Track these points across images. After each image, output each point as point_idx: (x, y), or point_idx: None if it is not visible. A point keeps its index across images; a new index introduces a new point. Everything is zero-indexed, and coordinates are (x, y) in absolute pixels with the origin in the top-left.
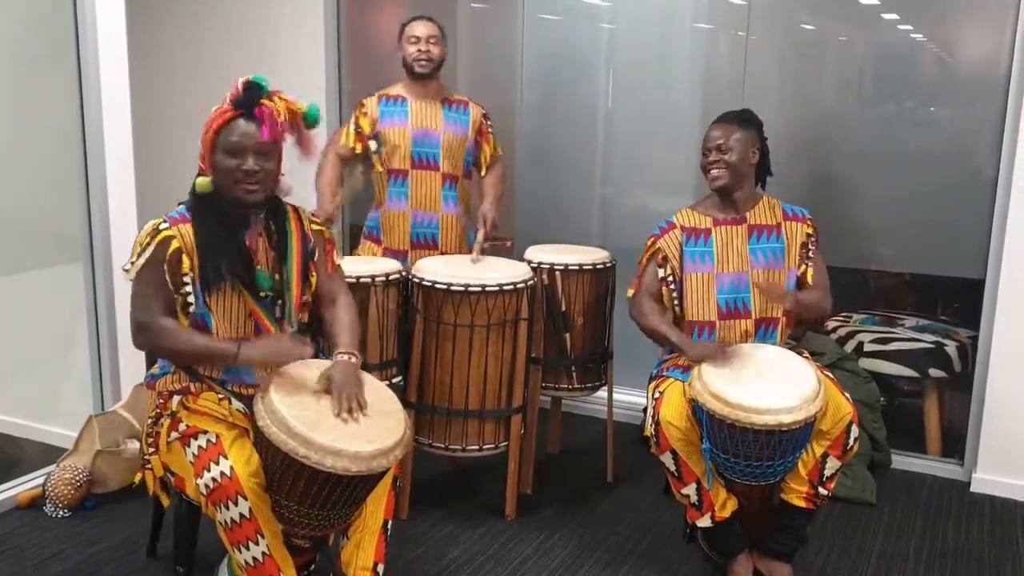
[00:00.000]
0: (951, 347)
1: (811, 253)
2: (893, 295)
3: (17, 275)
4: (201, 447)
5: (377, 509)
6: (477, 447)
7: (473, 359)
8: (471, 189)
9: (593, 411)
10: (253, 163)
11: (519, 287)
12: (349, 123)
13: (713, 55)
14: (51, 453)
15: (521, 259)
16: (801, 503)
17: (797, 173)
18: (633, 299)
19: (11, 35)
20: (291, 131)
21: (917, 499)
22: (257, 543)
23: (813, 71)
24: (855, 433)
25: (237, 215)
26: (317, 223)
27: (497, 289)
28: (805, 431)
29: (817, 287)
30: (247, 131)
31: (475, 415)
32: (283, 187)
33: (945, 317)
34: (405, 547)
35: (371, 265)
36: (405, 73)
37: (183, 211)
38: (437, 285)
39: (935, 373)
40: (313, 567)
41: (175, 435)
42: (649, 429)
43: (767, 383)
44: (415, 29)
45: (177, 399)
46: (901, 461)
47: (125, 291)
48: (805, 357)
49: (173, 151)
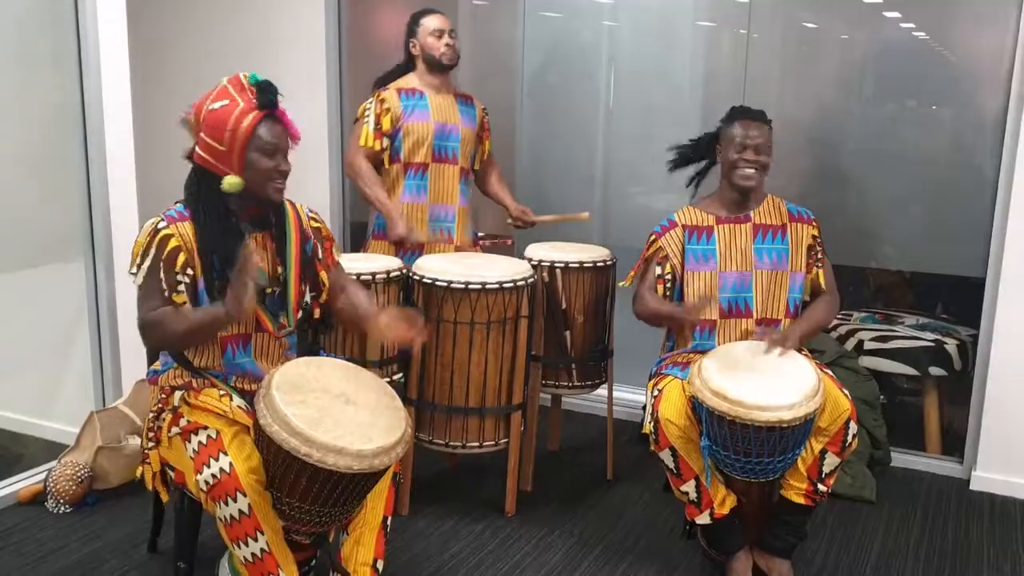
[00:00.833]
0: (951, 345)
1: (820, 255)
2: (894, 293)
3: (18, 272)
4: (201, 443)
5: (377, 505)
6: (477, 444)
7: (473, 356)
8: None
9: (593, 409)
10: (285, 163)
11: (519, 285)
12: (366, 123)
13: (714, 53)
14: (53, 449)
15: (521, 257)
16: (800, 500)
17: (798, 171)
18: (635, 295)
19: (12, 32)
20: None
21: (916, 497)
22: (256, 539)
23: (814, 69)
24: (853, 430)
25: (253, 213)
26: (316, 221)
27: (497, 287)
28: (805, 428)
29: (824, 298)
30: (278, 131)
31: (475, 412)
32: None
33: (945, 315)
34: (405, 543)
35: (371, 263)
36: (421, 66)
37: (180, 209)
38: (438, 283)
39: (935, 371)
40: (314, 563)
41: (176, 430)
42: (648, 426)
43: (767, 380)
44: (437, 22)
45: (179, 394)
46: (901, 459)
47: (126, 288)
48: (804, 355)
49: (174, 148)
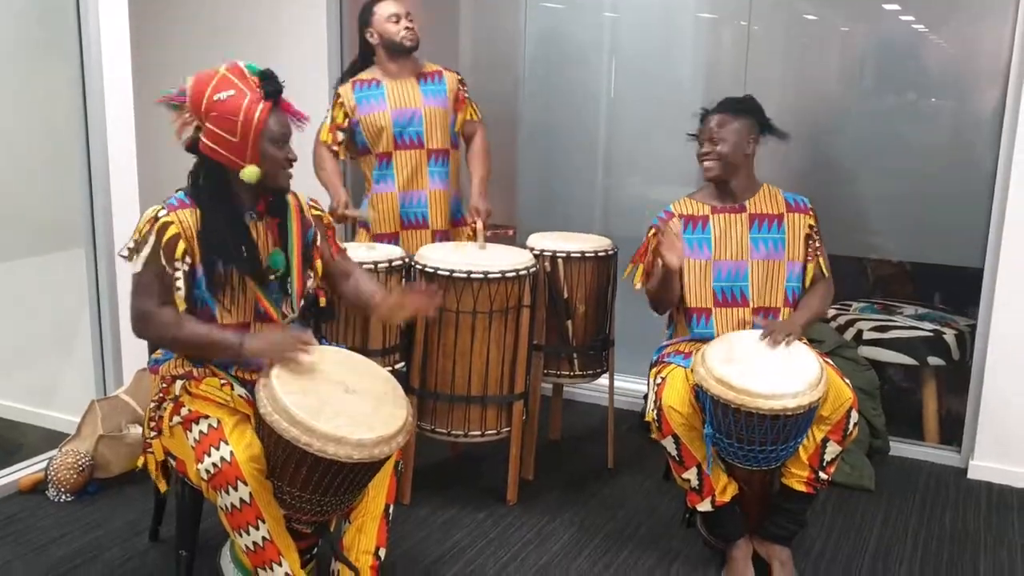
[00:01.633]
0: (949, 335)
1: (817, 244)
2: (893, 284)
3: (20, 261)
4: (202, 432)
5: (379, 494)
6: (479, 433)
7: (475, 346)
8: (460, 160)
9: (594, 398)
10: (292, 151)
11: (521, 274)
12: (326, 119)
13: (715, 44)
14: (54, 438)
15: (523, 246)
16: (801, 487)
17: (798, 162)
18: (648, 290)
19: (14, 22)
20: None
21: (915, 485)
22: (258, 528)
23: (814, 61)
24: (855, 419)
25: (257, 202)
26: (317, 208)
27: (499, 276)
28: (808, 416)
29: (820, 286)
30: (285, 121)
31: (477, 401)
32: None
33: (944, 306)
34: (407, 532)
35: (373, 252)
36: (381, 54)
37: (182, 197)
38: (440, 272)
39: (933, 361)
40: (315, 551)
41: (177, 419)
42: (651, 414)
43: (771, 369)
44: (392, 7)
45: (180, 384)
46: (899, 448)
47: (127, 277)
48: (805, 344)
49: (175, 137)
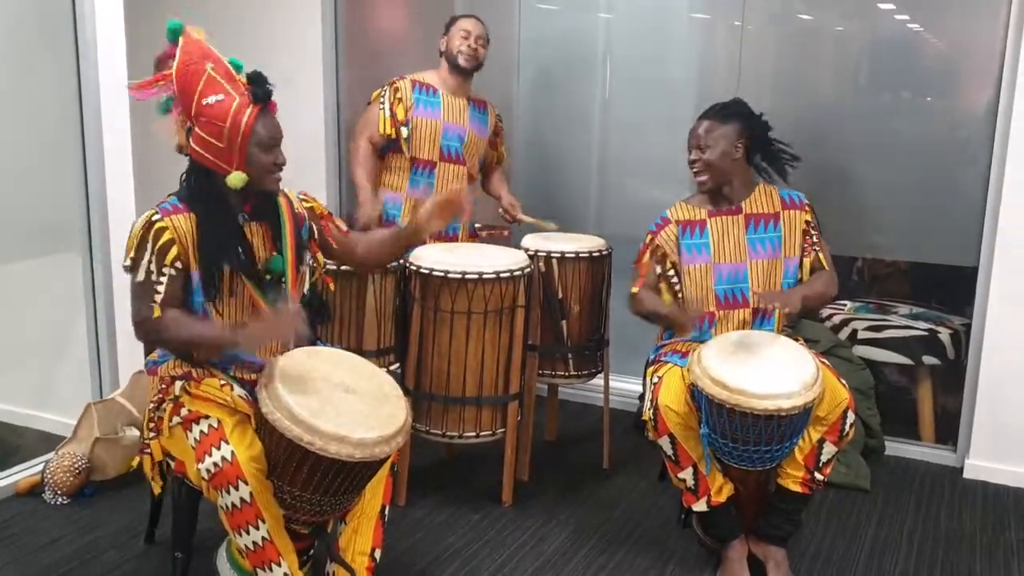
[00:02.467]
0: (944, 334)
1: (815, 238)
2: (888, 283)
3: (16, 264)
4: (203, 432)
5: (375, 495)
6: (474, 433)
7: (470, 346)
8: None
9: (590, 399)
10: (281, 156)
11: (515, 274)
12: (381, 108)
13: (709, 44)
14: (50, 441)
15: (518, 247)
16: (797, 488)
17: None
18: (631, 295)
19: (9, 25)
20: None
21: (910, 485)
22: (258, 527)
23: (808, 60)
24: (851, 419)
25: (246, 206)
26: (308, 201)
27: (494, 276)
28: (803, 417)
29: (823, 273)
30: (273, 126)
31: (472, 402)
32: None
33: (940, 305)
34: (403, 533)
35: None
36: (444, 64)
37: (175, 202)
38: (434, 272)
39: (928, 360)
40: (312, 553)
41: (177, 420)
42: (647, 413)
43: (767, 369)
44: (468, 24)
45: (179, 384)
46: (895, 448)
47: (123, 280)
48: (802, 344)
49: (170, 140)
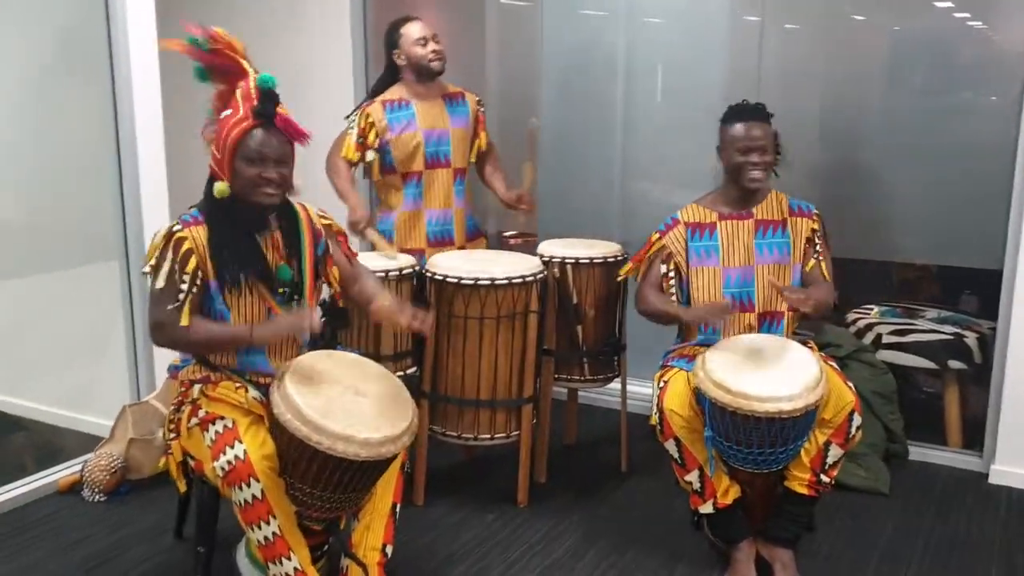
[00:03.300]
0: (971, 338)
1: (819, 247)
2: (916, 287)
3: (57, 273)
4: (218, 432)
5: (386, 493)
6: (489, 436)
7: (484, 350)
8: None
9: (610, 403)
10: (273, 170)
11: (528, 280)
12: (350, 134)
13: (731, 44)
14: (91, 442)
15: (534, 253)
16: (803, 490)
17: (816, 164)
18: (638, 292)
19: (46, 42)
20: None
21: (932, 490)
22: (269, 523)
23: (831, 60)
24: (857, 422)
25: (252, 217)
26: (326, 218)
27: (506, 282)
28: (806, 419)
29: (823, 284)
30: (268, 141)
31: (486, 405)
32: (294, 188)
33: (968, 308)
34: (418, 532)
35: (385, 261)
36: (408, 75)
37: (195, 214)
38: (448, 279)
39: (954, 364)
40: (326, 549)
41: (195, 421)
42: (654, 417)
43: (769, 372)
44: (419, 30)
45: (198, 387)
46: (920, 453)
47: None
48: (809, 347)
49: (203, 153)
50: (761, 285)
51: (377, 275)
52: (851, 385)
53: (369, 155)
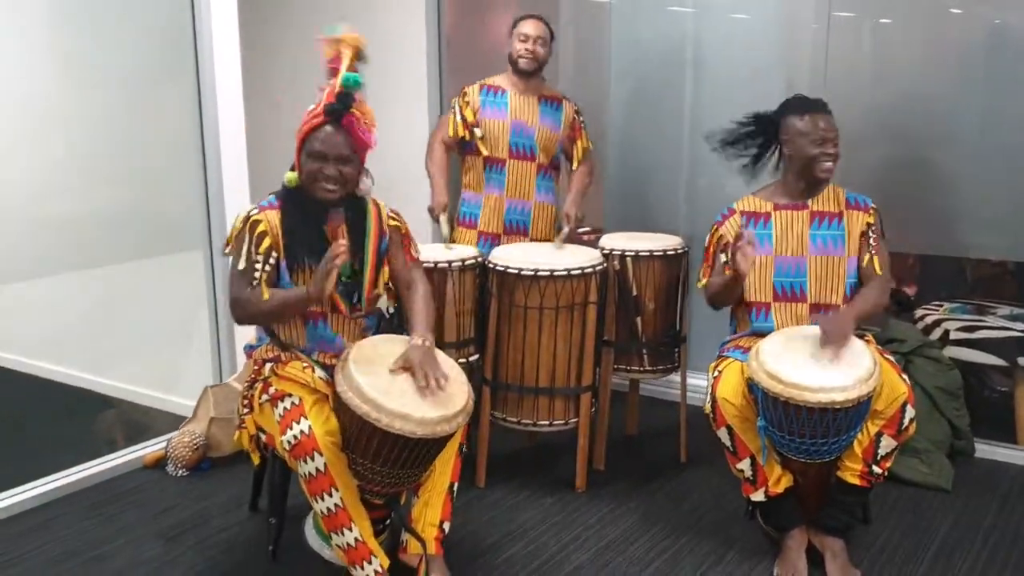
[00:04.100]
0: None
1: (872, 242)
2: (993, 284)
3: (145, 260)
4: (286, 408)
5: (443, 472)
6: (547, 422)
7: (543, 340)
8: (562, 179)
9: (673, 396)
10: (333, 168)
11: (587, 272)
12: (453, 112)
13: (795, 41)
14: (176, 421)
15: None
16: (855, 480)
17: (886, 160)
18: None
19: (136, 46)
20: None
21: (997, 488)
22: (331, 495)
23: (897, 57)
24: (910, 414)
25: (317, 207)
26: (395, 219)
27: (565, 274)
28: (859, 410)
29: (876, 280)
30: (331, 140)
31: (545, 392)
32: (363, 186)
33: None
34: (478, 511)
35: (449, 252)
36: (509, 66)
37: (272, 200)
38: (509, 270)
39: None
40: (388, 523)
41: (266, 397)
42: (707, 406)
43: (822, 363)
44: (526, 27)
45: (269, 366)
46: (988, 450)
47: None
48: (866, 340)
49: (282, 148)
50: (812, 276)
51: (439, 266)
52: (905, 377)
53: (478, 132)
